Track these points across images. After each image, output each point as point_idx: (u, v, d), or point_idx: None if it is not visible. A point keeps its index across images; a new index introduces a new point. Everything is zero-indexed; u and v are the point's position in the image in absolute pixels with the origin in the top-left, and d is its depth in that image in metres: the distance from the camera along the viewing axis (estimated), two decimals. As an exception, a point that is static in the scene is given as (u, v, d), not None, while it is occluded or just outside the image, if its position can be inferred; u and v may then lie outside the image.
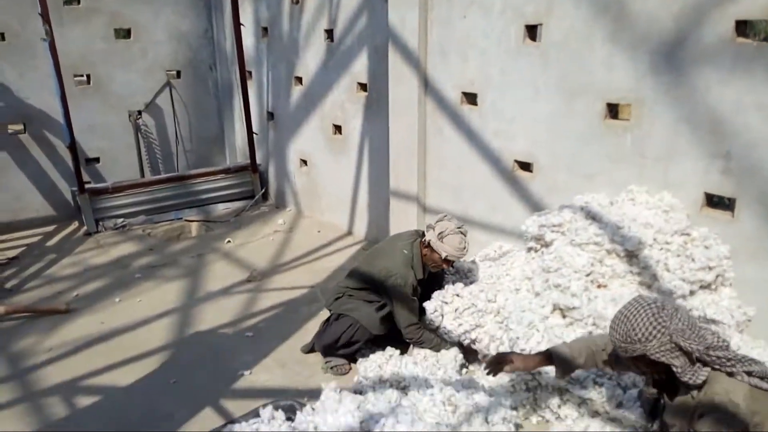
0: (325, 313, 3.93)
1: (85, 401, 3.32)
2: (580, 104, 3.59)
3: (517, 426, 2.90)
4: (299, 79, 5.90)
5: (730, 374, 2.04)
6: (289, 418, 2.93)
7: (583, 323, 2.94)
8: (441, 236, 3.38)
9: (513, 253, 3.96)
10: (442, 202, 4.65)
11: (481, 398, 2.87)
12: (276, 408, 2.94)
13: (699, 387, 2.07)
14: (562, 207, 3.43)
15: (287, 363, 3.67)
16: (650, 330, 2.04)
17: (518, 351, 3.04)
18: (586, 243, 3.15)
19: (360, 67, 5.14)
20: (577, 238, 3.17)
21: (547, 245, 3.40)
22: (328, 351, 3.54)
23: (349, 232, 5.77)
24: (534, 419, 3.05)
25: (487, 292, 3.50)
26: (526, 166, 4.07)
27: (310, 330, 4.02)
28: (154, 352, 3.81)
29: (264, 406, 2.94)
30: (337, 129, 5.64)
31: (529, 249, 3.70)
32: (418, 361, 3.31)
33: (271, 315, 4.28)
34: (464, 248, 3.40)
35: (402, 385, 3.14)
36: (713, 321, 2.94)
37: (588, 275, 3.09)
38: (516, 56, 3.86)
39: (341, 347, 3.49)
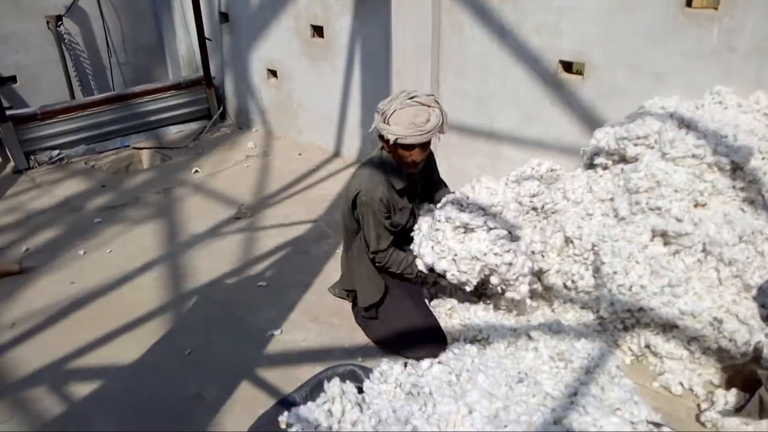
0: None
1: (82, 389, 2.62)
2: (653, -10, 3.03)
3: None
4: (263, -29, 4.91)
5: None
6: (359, 389, 2.42)
7: (693, 250, 2.55)
8: (385, 117, 2.52)
9: (562, 174, 3.51)
10: (461, 115, 4.04)
11: (587, 346, 2.47)
12: (342, 378, 2.41)
13: None
14: (642, 114, 2.94)
15: (319, 315, 3.10)
16: None
17: (615, 287, 2.63)
18: (682, 157, 2.70)
19: (349, -47, 4.26)
20: (672, 152, 2.71)
21: (626, 161, 2.93)
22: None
23: (337, 154, 5.07)
24: (627, 358, 2.71)
25: (550, 221, 3.05)
26: (572, 67, 3.52)
27: (331, 273, 3.44)
28: (150, 315, 3.11)
29: (328, 378, 2.39)
30: (317, 31, 4.78)
31: (591, 166, 3.23)
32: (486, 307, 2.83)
33: (278, 258, 3.64)
34: (426, 121, 2.49)
35: (478, 338, 2.67)
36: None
37: (688, 194, 2.67)
38: (569, -69, 3.19)
39: None
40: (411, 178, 2.80)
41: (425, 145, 2.60)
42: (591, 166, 3.27)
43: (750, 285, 2.48)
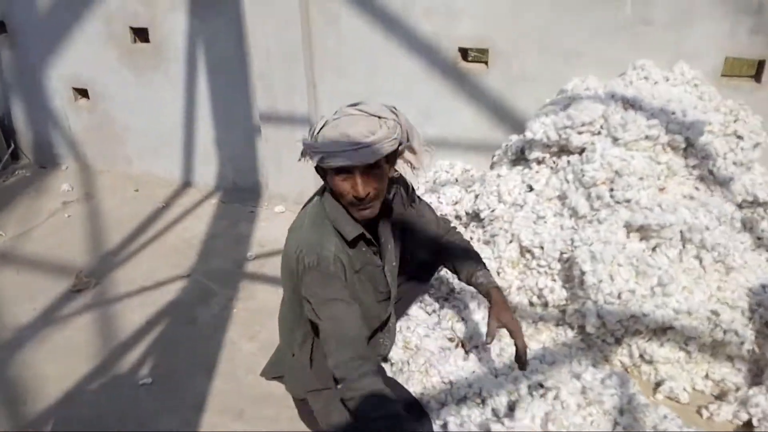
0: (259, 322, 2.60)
1: None
2: (559, -39, 2.74)
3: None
4: (50, -37, 3.77)
5: None
6: None
7: (674, 241, 2.31)
8: (314, 131, 1.69)
9: (477, 175, 3.14)
10: (347, 120, 3.45)
11: (598, 375, 2.08)
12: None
13: None
14: (573, 99, 2.64)
15: (244, 408, 2.31)
16: None
17: (602, 297, 2.29)
18: (635, 140, 2.45)
19: (174, -67, 3.38)
20: (626, 135, 2.44)
21: (569, 152, 2.61)
22: None
23: (188, 184, 4.15)
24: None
25: (492, 230, 2.64)
26: (468, 54, 3.15)
27: (237, 343, 2.67)
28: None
29: None
30: (140, 35, 3.80)
31: (517, 162, 2.89)
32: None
33: (157, 337, 2.72)
34: (368, 134, 1.62)
35: (469, 395, 2.13)
36: (765, 203, 2.57)
37: (653, 180, 2.43)
38: None
39: None
40: (370, 224, 1.84)
41: (372, 172, 1.67)
42: (517, 162, 2.93)
43: (732, 267, 2.31)
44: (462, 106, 3.19)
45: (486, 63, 3.07)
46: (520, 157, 2.91)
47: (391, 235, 1.99)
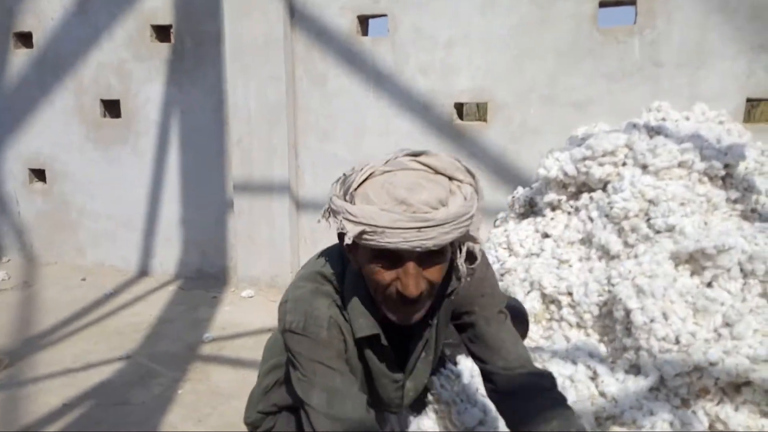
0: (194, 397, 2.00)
1: None
2: (559, 8, 2.64)
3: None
4: (24, 37, 3.63)
5: None
6: None
7: (733, 273, 1.87)
8: (349, 188, 1.09)
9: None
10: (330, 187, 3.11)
11: None
12: None
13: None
14: (590, 137, 2.36)
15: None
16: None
17: (656, 343, 1.78)
18: (667, 167, 2.12)
19: (156, 1, 3.29)
20: (656, 161, 2.11)
21: (592, 189, 2.26)
22: None
23: (144, 273, 3.63)
24: None
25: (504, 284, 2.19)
26: (463, 113, 2.92)
27: (178, 426, 2.03)
28: None
29: None
30: (110, 108, 3.56)
31: (526, 215, 2.51)
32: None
33: (74, 420, 2.06)
34: (434, 204, 1.01)
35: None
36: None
37: (697, 206, 2.06)
38: (453, -49, 2.74)
39: None
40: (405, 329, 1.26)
41: (431, 260, 1.08)
42: (526, 215, 2.55)
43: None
44: (459, 167, 2.89)
45: (486, 121, 2.84)
46: (529, 210, 2.54)
47: (432, 334, 1.32)
